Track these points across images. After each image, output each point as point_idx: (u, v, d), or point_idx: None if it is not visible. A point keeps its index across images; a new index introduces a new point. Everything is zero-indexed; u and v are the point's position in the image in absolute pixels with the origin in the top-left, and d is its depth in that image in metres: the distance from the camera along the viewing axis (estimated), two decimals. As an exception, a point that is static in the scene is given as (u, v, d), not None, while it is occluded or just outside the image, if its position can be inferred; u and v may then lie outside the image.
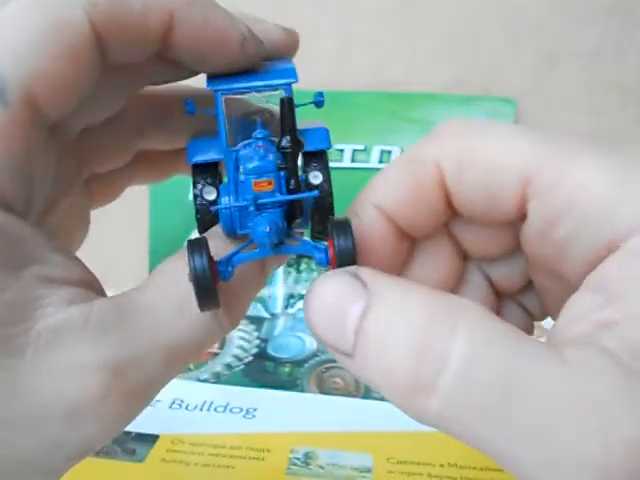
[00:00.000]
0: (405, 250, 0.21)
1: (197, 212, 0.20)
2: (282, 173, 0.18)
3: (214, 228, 0.21)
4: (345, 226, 0.18)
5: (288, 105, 0.18)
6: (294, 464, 0.36)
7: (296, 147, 0.18)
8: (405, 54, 0.48)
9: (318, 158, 0.20)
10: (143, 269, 0.54)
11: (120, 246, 0.29)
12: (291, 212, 0.19)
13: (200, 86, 0.22)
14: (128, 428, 0.38)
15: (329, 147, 0.20)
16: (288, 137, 0.18)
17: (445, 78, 0.47)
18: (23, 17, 0.18)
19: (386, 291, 0.16)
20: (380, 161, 0.46)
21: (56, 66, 0.18)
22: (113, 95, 0.22)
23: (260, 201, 0.18)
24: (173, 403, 0.41)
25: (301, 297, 0.51)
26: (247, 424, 0.39)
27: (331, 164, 0.22)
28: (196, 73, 0.23)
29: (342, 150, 0.46)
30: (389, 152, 0.46)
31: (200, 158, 0.20)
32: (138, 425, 0.38)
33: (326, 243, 0.19)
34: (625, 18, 0.46)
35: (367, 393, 0.45)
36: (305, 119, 0.21)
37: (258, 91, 0.20)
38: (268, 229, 0.17)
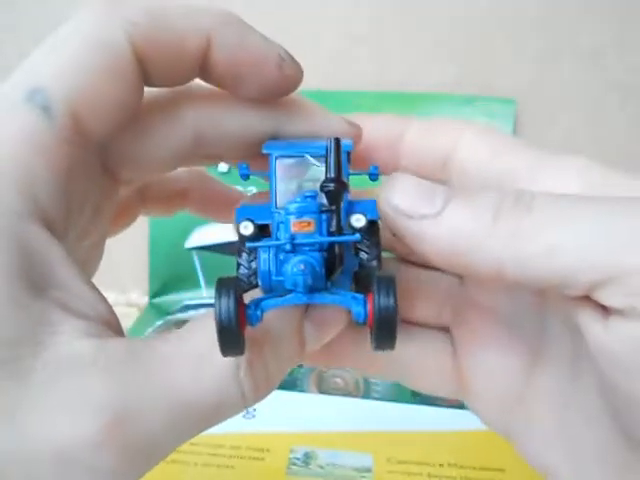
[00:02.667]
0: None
1: (238, 280, 0.19)
2: (325, 216, 0.17)
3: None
4: (389, 283, 0.16)
5: (336, 144, 0.17)
6: (294, 464, 0.36)
7: (341, 187, 0.17)
8: (405, 54, 0.48)
9: (370, 232, 0.19)
10: (143, 271, 0.54)
11: (120, 248, 0.29)
12: (331, 259, 0.17)
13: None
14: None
15: (378, 218, 0.19)
16: (333, 177, 0.17)
17: (445, 78, 0.47)
18: (66, 39, 0.18)
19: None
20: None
21: (98, 85, 0.18)
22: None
23: (297, 241, 0.17)
24: (173, 403, 0.41)
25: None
26: (247, 424, 0.39)
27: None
28: None
29: (342, 150, 0.46)
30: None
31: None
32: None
33: (364, 295, 0.17)
34: (625, 18, 0.46)
35: (367, 393, 0.45)
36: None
37: (312, 155, 0.19)
38: (303, 267, 0.16)
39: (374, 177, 0.21)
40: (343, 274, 0.18)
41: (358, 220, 0.17)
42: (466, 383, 0.23)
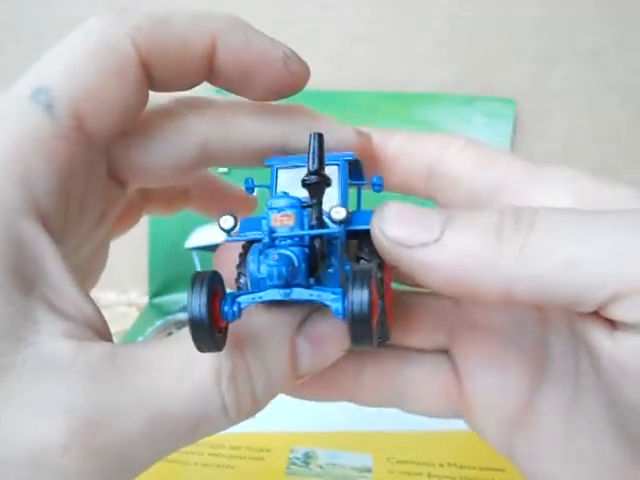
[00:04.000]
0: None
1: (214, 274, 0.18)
2: (306, 211, 0.17)
3: None
4: (364, 275, 0.15)
5: (319, 140, 0.18)
6: (294, 464, 0.36)
7: (322, 180, 0.17)
8: (405, 54, 0.48)
9: (370, 241, 0.18)
10: (143, 271, 0.54)
11: (120, 248, 0.30)
12: (313, 255, 0.17)
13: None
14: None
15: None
16: (316, 170, 0.17)
17: (445, 78, 0.47)
18: (73, 43, 0.19)
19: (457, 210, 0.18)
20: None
21: (102, 86, 0.19)
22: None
23: (276, 234, 0.17)
24: (173, 403, 0.41)
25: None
26: (247, 424, 0.39)
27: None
28: None
29: (342, 150, 0.46)
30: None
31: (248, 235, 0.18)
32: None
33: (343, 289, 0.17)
34: (625, 18, 0.46)
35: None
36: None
37: (280, 166, 0.20)
38: (276, 257, 0.16)
39: (377, 188, 0.20)
40: (333, 277, 0.18)
41: (338, 212, 0.16)
42: (467, 404, 0.23)
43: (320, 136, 0.18)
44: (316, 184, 0.17)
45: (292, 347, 0.18)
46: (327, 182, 0.17)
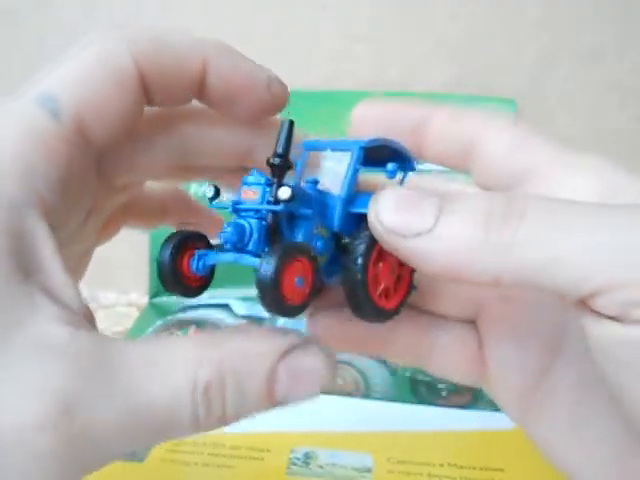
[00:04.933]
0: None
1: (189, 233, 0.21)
2: (269, 189, 0.19)
3: None
4: (274, 252, 0.17)
5: (289, 127, 0.20)
6: (294, 464, 0.36)
7: (284, 163, 0.19)
8: (405, 54, 0.48)
9: (361, 226, 0.20)
10: (143, 271, 0.54)
11: (120, 248, 0.30)
12: (269, 229, 0.19)
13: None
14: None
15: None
16: (281, 153, 0.19)
17: (445, 78, 0.47)
18: (76, 55, 0.21)
19: (450, 194, 0.18)
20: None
21: (103, 96, 0.20)
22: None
23: (237, 206, 0.19)
24: (173, 403, 0.41)
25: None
26: (247, 424, 0.39)
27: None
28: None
29: (342, 150, 0.46)
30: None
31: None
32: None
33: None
34: (625, 18, 0.46)
35: (367, 393, 0.45)
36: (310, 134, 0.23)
37: (332, 149, 0.21)
38: (227, 227, 0.18)
39: (391, 175, 0.21)
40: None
41: (284, 192, 0.18)
42: (487, 373, 0.24)
43: (291, 123, 0.20)
44: (278, 166, 0.19)
45: (271, 376, 0.19)
46: (288, 165, 0.19)
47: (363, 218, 0.19)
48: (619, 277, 0.15)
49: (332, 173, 0.21)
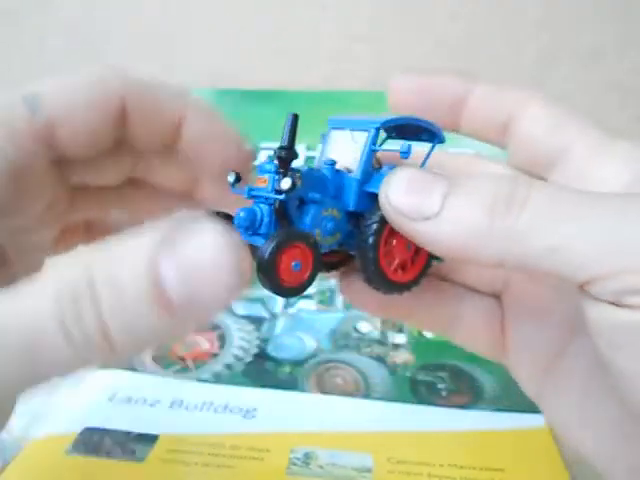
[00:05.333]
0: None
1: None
2: (278, 177, 0.20)
3: None
4: (278, 236, 0.19)
5: (293, 120, 0.21)
6: (294, 464, 0.36)
7: (289, 155, 0.20)
8: (405, 54, 0.48)
9: (375, 206, 0.21)
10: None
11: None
12: (281, 212, 0.20)
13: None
14: (128, 428, 0.38)
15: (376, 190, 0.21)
16: (287, 146, 0.20)
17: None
18: (68, 75, 0.23)
19: (459, 176, 0.19)
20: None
21: (80, 110, 0.22)
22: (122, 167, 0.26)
23: (251, 193, 0.20)
24: (173, 403, 0.41)
25: (301, 297, 0.51)
26: (247, 424, 0.39)
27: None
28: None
29: (342, 150, 0.46)
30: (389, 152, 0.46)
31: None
32: (138, 425, 0.38)
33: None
34: (625, 18, 0.46)
35: (367, 393, 0.45)
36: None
37: (352, 129, 0.22)
38: (241, 213, 0.20)
39: (404, 155, 0.21)
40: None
41: (285, 183, 0.19)
42: (507, 346, 0.25)
43: (295, 117, 0.21)
44: (284, 158, 0.20)
45: (152, 270, 0.15)
46: (294, 156, 0.20)
47: (377, 196, 0.20)
48: (612, 266, 0.16)
49: (352, 152, 0.22)
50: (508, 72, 0.47)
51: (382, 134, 0.23)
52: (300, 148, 0.45)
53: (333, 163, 0.22)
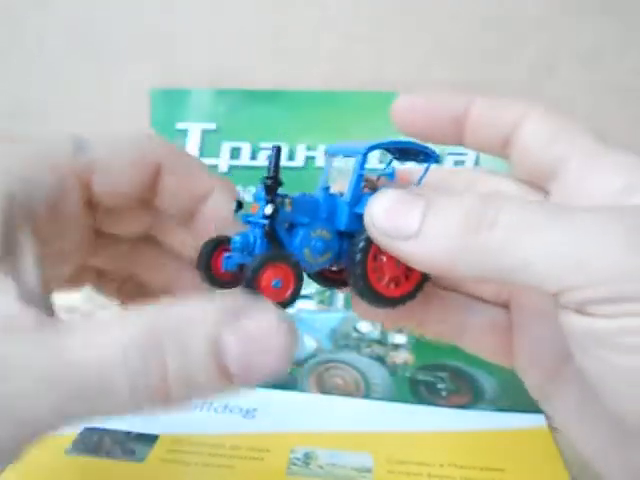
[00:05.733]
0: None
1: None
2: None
3: None
4: (257, 259, 0.21)
5: (277, 152, 0.22)
6: (294, 464, 0.36)
7: (274, 184, 0.22)
8: (405, 54, 0.48)
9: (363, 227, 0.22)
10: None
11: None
12: (271, 235, 0.22)
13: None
14: (128, 428, 0.38)
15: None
16: (272, 176, 0.22)
17: (445, 78, 0.47)
18: (119, 130, 0.24)
19: (437, 195, 0.20)
20: (380, 161, 0.46)
21: (121, 162, 0.24)
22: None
23: (246, 219, 0.22)
24: (173, 403, 0.41)
25: (301, 297, 0.51)
26: (247, 424, 0.39)
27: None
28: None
29: (342, 150, 0.46)
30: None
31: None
32: (138, 425, 0.38)
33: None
34: (625, 18, 0.46)
35: (367, 393, 0.45)
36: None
37: (344, 155, 0.24)
38: (236, 236, 0.22)
39: (390, 177, 0.23)
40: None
41: (268, 209, 0.21)
42: (515, 353, 0.25)
43: (278, 149, 0.22)
44: (269, 186, 0.22)
45: (216, 339, 0.17)
46: (279, 184, 0.22)
47: None
48: (573, 280, 0.17)
49: (346, 176, 0.24)
50: (508, 72, 0.47)
51: (388, 155, 0.25)
52: (300, 148, 0.45)
53: (327, 188, 0.23)
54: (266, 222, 0.22)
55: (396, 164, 0.25)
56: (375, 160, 0.45)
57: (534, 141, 0.23)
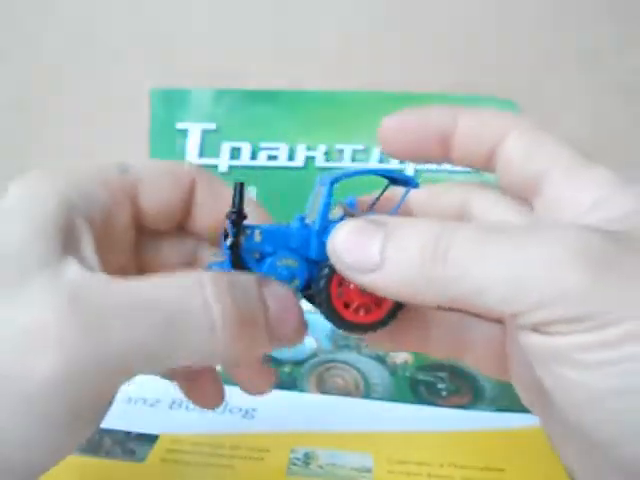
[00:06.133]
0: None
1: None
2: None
3: None
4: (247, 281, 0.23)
5: (240, 188, 0.23)
6: (294, 464, 0.36)
7: (239, 218, 0.23)
8: (405, 54, 0.48)
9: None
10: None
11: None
12: (239, 265, 0.24)
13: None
14: (128, 428, 0.38)
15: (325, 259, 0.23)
16: (236, 209, 0.23)
17: (445, 78, 0.47)
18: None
19: (398, 222, 0.20)
20: (380, 161, 0.46)
21: (160, 180, 0.26)
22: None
23: (224, 248, 0.24)
24: (173, 403, 0.41)
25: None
26: (247, 424, 0.39)
27: (331, 164, 0.24)
28: None
29: (342, 150, 0.46)
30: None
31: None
32: (138, 425, 0.38)
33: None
34: (625, 18, 0.46)
35: (367, 393, 0.45)
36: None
37: (320, 184, 0.25)
38: (213, 265, 0.24)
39: (351, 207, 0.25)
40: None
41: (229, 241, 0.23)
42: (510, 368, 0.26)
43: (241, 185, 0.23)
44: (233, 220, 0.23)
45: (260, 292, 0.22)
46: (243, 218, 0.23)
47: None
48: (524, 304, 0.18)
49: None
50: (508, 72, 0.47)
51: (385, 181, 0.26)
52: (300, 148, 0.45)
53: (302, 218, 0.25)
54: (228, 252, 0.23)
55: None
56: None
57: (516, 156, 0.23)
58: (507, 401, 0.43)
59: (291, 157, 0.45)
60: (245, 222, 0.25)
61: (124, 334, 0.19)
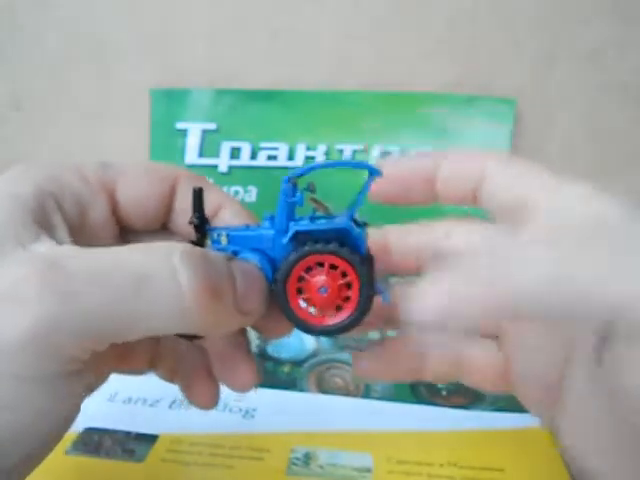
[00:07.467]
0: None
1: None
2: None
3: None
4: None
5: (198, 194, 0.25)
6: (294, 464, 0.36)
7: (201, 223, 0.25)
8: (405, 54, 0.48)
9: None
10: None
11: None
12: None
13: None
14: (128, 428, 0.38)
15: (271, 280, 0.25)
16: (197, 215, 0.25)
17: (445, 78, 0.47)
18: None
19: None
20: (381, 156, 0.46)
21: (140, 177, 0.26)
22: None
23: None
24: (173, 403, 0.41)
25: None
26: (247, 424, 0.39)
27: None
28: None
29: (342, 150, 0.46)
30: (389, 152, 0.46)
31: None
32: (138, 425, 0.38)
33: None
34: (625, 18, 0.46)
35: (367, 393, 0.45)
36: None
37: (289, 177, 0.24)
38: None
39: (299, 204, 0.25)
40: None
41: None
42: (511, 381, 0.27)
43: (200, 190, 0.25)
44: (196, 225, 0.25)
45: (228, 262, 0.23)
46: (204, 223, 0.25)
47: (293, 242, 0.24)
48: None
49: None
50: (508, 72, 0.47)
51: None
52: (300, 148, 0.45)
53: (272, 217, 0.25)
54: None
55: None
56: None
57: (496, 186, 0.24)
58: (507, 401, 0.43)
59: (291, 157, 0.45)
60: (214, 225, 0.26)
61: (92, 297, 0.19)
